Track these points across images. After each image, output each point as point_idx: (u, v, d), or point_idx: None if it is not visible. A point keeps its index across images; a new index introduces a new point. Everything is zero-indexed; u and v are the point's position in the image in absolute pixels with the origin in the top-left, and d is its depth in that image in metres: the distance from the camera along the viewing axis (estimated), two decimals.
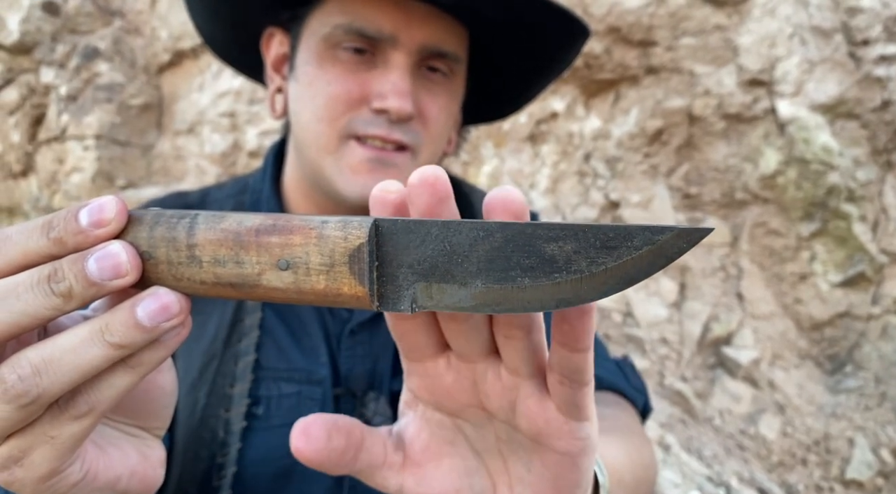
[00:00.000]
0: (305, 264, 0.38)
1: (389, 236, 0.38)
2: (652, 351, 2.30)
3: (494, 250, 0.36)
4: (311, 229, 0.38)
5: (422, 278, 0.37)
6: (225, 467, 0.77)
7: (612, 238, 0.35)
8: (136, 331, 0.38)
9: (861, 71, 2.26)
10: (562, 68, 0.93)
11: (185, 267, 0.40)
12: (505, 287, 0.36)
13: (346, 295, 0.37)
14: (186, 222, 0.40)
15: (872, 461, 2.07)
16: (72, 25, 3.00)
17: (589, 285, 0.35)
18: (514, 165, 2.68)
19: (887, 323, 2.28)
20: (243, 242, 0.39)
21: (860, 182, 2.29)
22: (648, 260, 0.34)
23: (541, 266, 0.36)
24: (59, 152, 2.96)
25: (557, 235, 0.35)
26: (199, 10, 0.91)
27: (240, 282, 0.39)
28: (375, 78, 0.77)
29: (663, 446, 1.96)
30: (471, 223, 0.36)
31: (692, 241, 0.34)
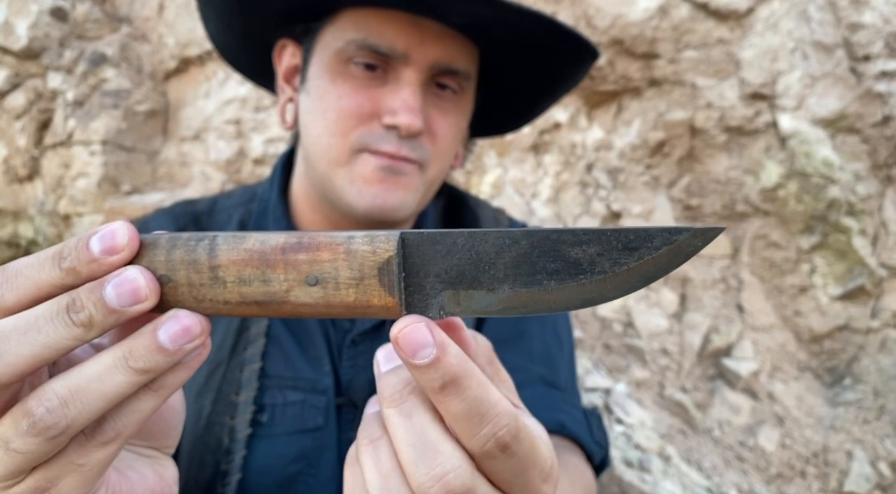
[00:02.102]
0: (335, 279, 0.38)
1: (416, 248, 0.39)
2: (652, 362, 2.31)
3: (520, 256, 0.38)
4: (338, 245, 0.39)
5: (449, 286, 0.38)
6: (229, 474, 0.77)
7: (632, 240, 0.37)
8: (160, 355, 0.38)
9: (862, 86, 2.28)
10: (569, 87, 0.94)
11: (208, 288, 0.40)
12: (532, 290, 0.38)
13: (376, 306, 0.38)
14: (206, 244, 0.40)
15: (871, 474, 2.08)
16: (79, 31, 3.02)
17: (612, 284, 0.37)
18: (516, 175, 2.69)
19: (886, 336, 2.29)
20: (269, 261, 0.39)
21: (860, 196, 2.30)
22: (667, 258, 0.37)
23: (566, 269, 0.37)
24: (65, 157, 2.97)
25: (581, 239, 0.37)
26: (213, 21, 0.92)
27: (267, 300, 0.39)
28: (386, 94, 0.78)
29: (663, 457, 1.97)
30: (496, 232, 0.38)
31: (707, 240, 0.37)
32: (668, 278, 2.47)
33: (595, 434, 0.84)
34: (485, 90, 0.92)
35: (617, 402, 2.09)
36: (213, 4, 0.87)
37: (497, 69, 0.89)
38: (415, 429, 0.37)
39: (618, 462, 1.87)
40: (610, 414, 2.03)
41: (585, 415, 0.85)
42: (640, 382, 2.25)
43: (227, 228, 0.91)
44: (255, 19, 0.87)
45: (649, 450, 1.95)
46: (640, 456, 1.91)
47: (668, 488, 1.84)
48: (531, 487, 0.40)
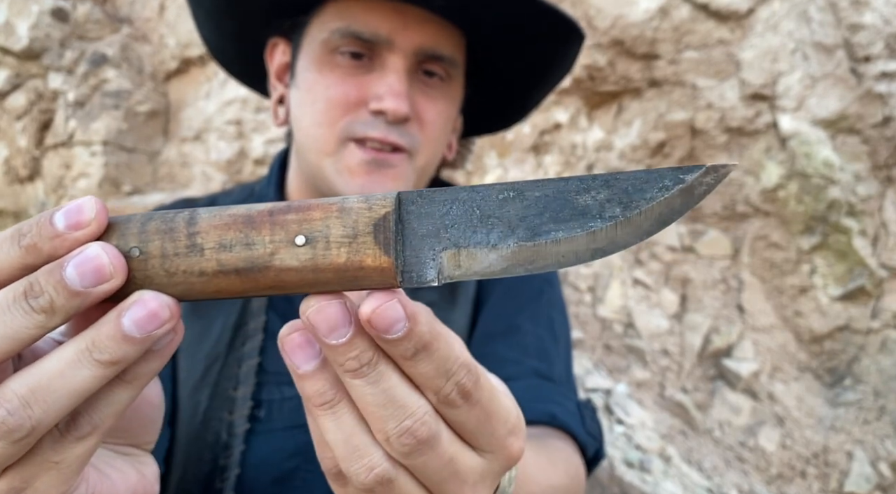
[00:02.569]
0: (325, 237, 0.36)
1: (414, 206, 0.37)
2: (653, 363, 2.31)
3: (525, 208, 0.36)
4: (331, 204, 0.37)
5: (449, 246, 0.36)
6: (228, 469, 0.78)
7: (643, 182, 0.35)
8: (127, 344, 0.35)
9: (862, 87, 2.28)
10: (559, 74, 0.94)
11: (183, 257, 0.36)
12: (538, 243, 0.35)
13: (369, 267, 0.35)
14: (186, 214, 0.38)
15: (871, 474, 2.08)
16: (80, 32, 3.02)
17: (624, 230, 0.35)
18: (517, 175, 2.70)
19: (886, 337, 2.29)
20: (255, 222, 0.36)
21: (861, 197, 2.30)
22: (680, 199, 0.35)
23: (575, 217, 0.35)
24: (65, 157, 2.98)
25: (589, 185, 0.35)
26: (205, 23, 0.93)
27: (247, 267, 0.36)
28: (373, 81, 0.79)
29: (664, 457, 1.97)
30: (500, 185, 0.36)
31: (719, 177, 0.35)
32: (668, 278, 2.47)
33: (588, 425, 0.83)
34: (477, 81, 0.92)
35: (617, 403, 2.09)
36: (202, 5, 0.88)
37: (486, 59, 0.89)
38: (383, 393, 0.36)
39: (618, 462, 1.87)
40: (610, 415, 2.03)
41: (579, 407, 0.85)
42: (640, 383, 2.25)
43: None
44: (245, 18, 0.88)
45: (650, 451, 1.95)
46: (641, 457, 1.91)
47: (669, 488, 1.85)
48: (497, 438, 0.40)
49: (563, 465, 0.71)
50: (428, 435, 0.37)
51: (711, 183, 0.35)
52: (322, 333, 0.35)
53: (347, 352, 0.35)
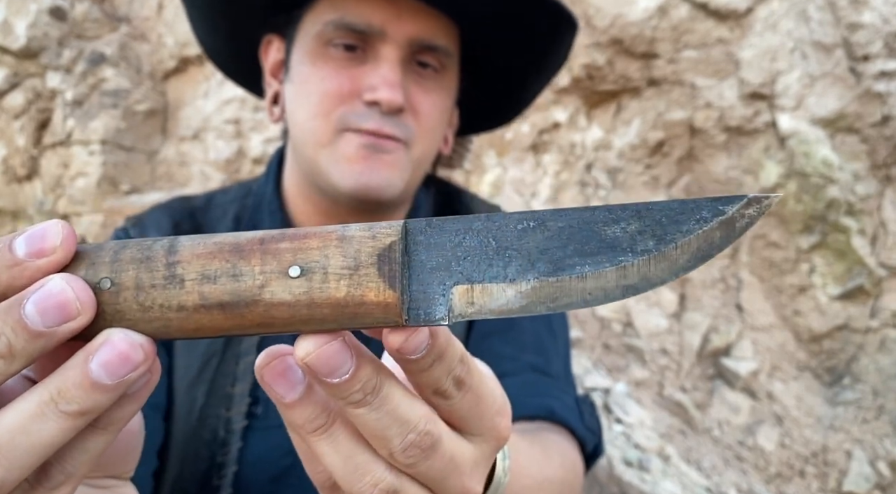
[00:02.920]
0: (323, 269, 0.32)
1: (422, 235, 0.33)
2: (652, 362, 2.31)
3: (547, 240, 0.32)
4: (329, 232, 0.33)
5: (461, 280, 0.32)
6: (226, 466, 0.77)
7: (678, 212, 0.32)
8: (97, 393, 0.31)
9: (861, 86, 2.28)
10: (554, 66, 0.94)
11: (160, 290, 0.32)
12: (562, 278, 0.32)
13: (371, 303, 0.32)
14: (166, 242, 0.34)
15: (870, 473, 2.08)
16: (78, 31, 3.02)
17: (658, 266, 0.32)
18: (516, 174, 2.69)
19: (885, 336, 2.29)
20: (243, 251, 0.33)
21: (859, 196, 2.30)
22: (720, 232, 0.32)
23: (603, 250, 0.32)
24: (64, 157, 2.97)
25: (619, 216, 0.32)
26: (200, 23, 0.93)
27: (233, 301, 0.32)
28: (366, 72, 0.79)
29: (663, 457, 1.97)
30: (520, 214, 0.33)
31: (762, 209, 0.32)
32: None
33: (586, 419, 0.82)
34: (471, 74, 0.92)
35: (616, 402, 2.09)
36: (195, 4, 0.88)
37: (480, 50, 0.89)
38: (387, 415, 0.35)
39: (617, 461, 1.87)
40: (609, 414, 2.03)
41: (577, 402, 0.84)
42: (639, 382, 2.25)
43: (222, 223, 0.91)
44: (238, 15, 0.88)
45: (649, 450, 1.95)
46: (640, 456, 1.91)
47: (668, 487, 1.84)
48: (486, 420, 0.39)
49: (559, 458, 0.71)
50: (432, 443, 0.36)
51: (753, 215, 0.32)
52: (323, 375, 0.33)
53: (351, 387, 0.34)
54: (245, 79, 1.01)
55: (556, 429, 0.78)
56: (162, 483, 0.79)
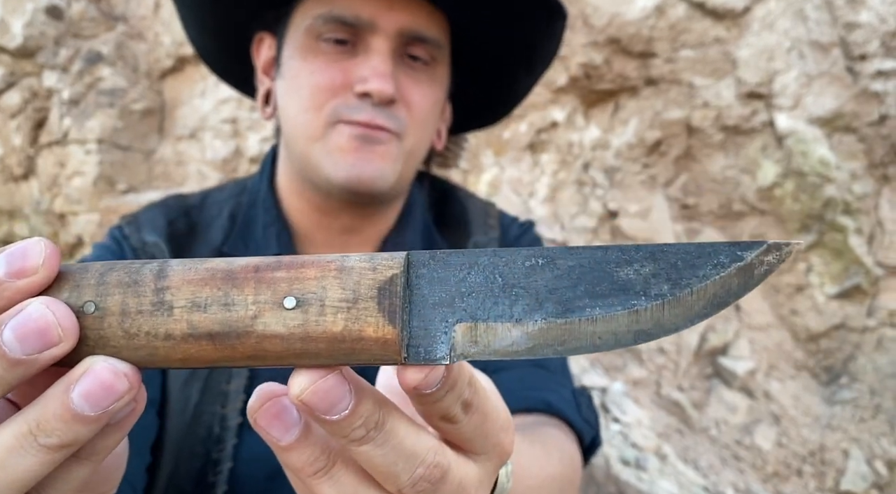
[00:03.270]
0: (320, 301, 0.31)
1: (425, 269, 0.32)
2: (649, 361, 2.31)
3: (556, 278, 0.31)
4: (328, 262, 0.32)
5: (465, 317, 0.31)
6: (221, 463, 0.77)
7: (695, 257, 0.31)
8: (78, 425, 0.29)
9: (858, 85, 2.28)
10: (545, 58, 0.94)
11: (147, 317, 0.31)
12: (571, 321, 0.30)
13: (370, 338, 0.30)
14: (155, 265, 0.32)
15: (867, 472, 2.08)
16: (75, 30, 3.01)
17: (672, 312, 0.30)
18: (513, 174, 2.69)
19: (882, 335, 2.30)
20: (237, 279, 0.31)
21: (857, 195, 2.30)
22: (737, 279, 0.30)
23: (615, 293, 0.30)
24: (60, 156, 2.96)
25: (632, 257, 0.31)
26: (192, 23, 0.93)
27: (224, 331, 0.31)
28: (357, 64, 0.79)
29: (660, 456, 1.97)
30: (527, 250, 0.32)
31: (783, 256, 0.31)
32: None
33: (584, 412, 0.82)
34: (463, 68, 0.92)
35: (614, 401, 2.09)
36: (186, 3, 0.88)
37: (470, 42, 0.89)
38: (393, 450, 0.33)
39: (614, 460, 1.87)
40: (607, 413, 2.03)
41: (574, 395, 0.84)
42: (636, 381, 2.25)
43: (217, 221, 0.91)
44: (229, 13, 0.88)
45: (646, 449, 1.95)
46: (637, 455, 1.91)
47: (665, 487, 1.84)
48: (491, 438, 0.38)
49: (558, 454, 0.71)
50: (441, 474, 0.34)
51: (773, 262, 0.31)
52: (322, 412, 0.31)
53: (352, 423, 0.32)
54: (237, 79, 1.01)
55: (553, 422, 0.78)
56: (156, 478, 0.79)
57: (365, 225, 0.89)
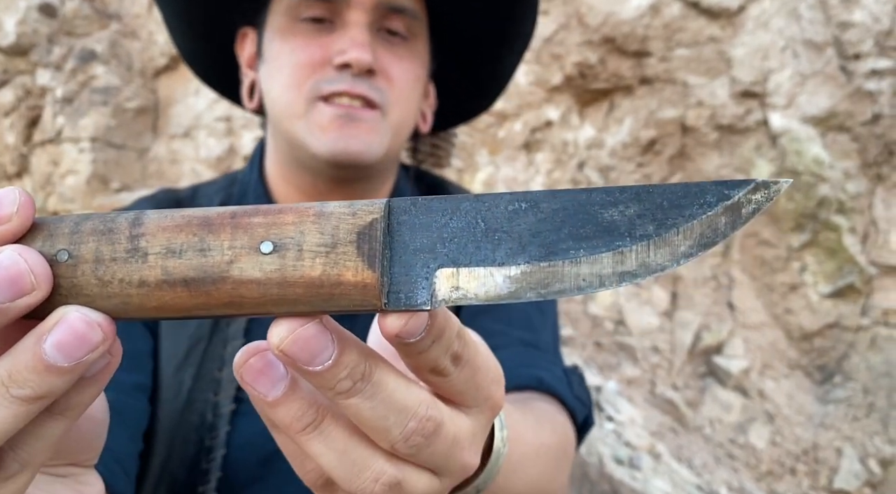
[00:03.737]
0: (298, 245, 0.30)
1: (406, 215, 0.32)
2: (643, 360, 2.31)
3: (540, 222, 0.31)
4: (307, 208, 0.31)
5: (447, 263, 0.31)
6: (214, 450, 0.77)
7: (681, 196, 0.30)
8: (51, 376, 0.29)
9: (852, 84, 2.29)
10: (523, 33, 0.94)
11: (121, 264, 0.30)
12: (554, 263, 0.30)
13: (349, 283, 0.30)
14: (131, 214, 0.32)
15: (860, 471, 2.08)
16: (68, 28, 3.00)
17: (657, 252, 0.30)
18: (508, 173, 2.69)
19: (876, 334, 2.30)
20: (213, 225, 0.31)
21: (850, 194, 2.31)
22: (724, 217, 0.30)
23: (599, 234, 0.30)
24: (53, 154, 2.95)
25: (617, 199, 0.30)
26: (176, 25, 0.94)
27: (198, 277, 0.30)
28: (335, 39, 0.80)
29: (654, 454, 1.97)
30: (510, 194, 0.31)
31: (770, 195, 0.30)
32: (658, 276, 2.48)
33: (575, 390, 0.82)
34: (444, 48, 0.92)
35: (608, 400, 2.09)
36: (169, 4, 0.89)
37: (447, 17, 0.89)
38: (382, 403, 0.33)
39: (608, 459, 1.86)
40: (601, 412, 2.03)
41: (566, 373, 0.84)
42: (631, 380, 2.25)
43: None
44: (209, 7, 0.88)
45: (640, 448, 1.95)
46: (631, 454, 1.91)
47: (659, 485, 1.84)
48: (482, 390, 0.37)
49: (550, 425, 0.71)
50: (434, 427, 0.34)
51: (761, 200, 0.30)
52: (303, 362, 0.30)
53: (337, 374, 0.31)
54: (225, 85, 1.02)
55: (545, 399, 0.78)
56: (149, 465, 0.79)
57: None
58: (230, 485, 0.77)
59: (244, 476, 0.78)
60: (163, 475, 0.79)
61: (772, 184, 0.30)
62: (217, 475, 0.77)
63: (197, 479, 0.77)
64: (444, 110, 1.00)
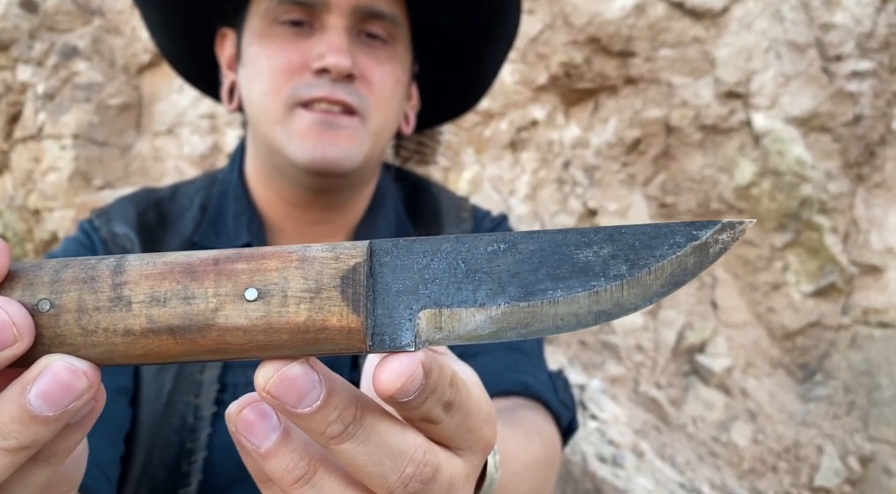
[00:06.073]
0: (282, 291, 0.30)
1: (388, 257, 0.32)
2: (627, 358, 2.32)
3: (518, 263, 0.31)
4: (290, 253, 0.31)
5: (429, 304, 0.31)
6: (195, 452, 0.77)
7: (652, 237, 0.31)
8: (36, 426, 0.28)
9: (834, 85, 2.31)
10: (506, 34, 0.93)
11: (105, 313, 0.30)
12: (533, 304, 0.31)
13: (334, 328, 0.30)
14: (112, 260, 0.32)
15: (840, 468, 2.10)
16: (50, 23, 2.97)
17: (630, 291, 0.31)
18: (494, 172, 2.69)
19: (856, 333, 2.32)
20: (196, 272, 0.31)
21: (832, 194, 2.33)
22: (693, 257, 0.31)
23: (575, 275, 0.31)
24: (35, 151, 2.92)
25: (591, 239, 0.31)
26: (156, 26, 0.93)
27: (183, 325, 0.30)
28: (313, 44, 0.79)
29: (637, 452, 1.97)
30: (489, 235, 0.32)
31: (736, 234, 0.32)
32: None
33: (560, 394, 0.82)
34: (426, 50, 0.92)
35: (591, 398, 2.10)
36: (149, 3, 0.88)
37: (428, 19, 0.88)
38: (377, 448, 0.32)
39: (591, 457, 1.87)
40: (584, 410, 2.03)
41: (551, 378, 0.84)
42: (614, 378, 2.25)
43: (188, 212, 0.90)
44: (187, 9, 0.88)
45: (623, 446, 1.96)
46: (614, 452, 1.92)
47: (642, 483, 1.85)
48: (474, 432, 0.37)
49: (538, 437, 0.71)
50: (432, 473, 0.33)
51: (727, 240, 0.31)
52: (291, 403, 0.30)
53: (326, 416, 0.31)
54: (207, 84, 1.01)
55: (531, 405, 0.78)
56: (130, 468, 0.78)
57: (335, 215, 0.89)
58: (211, 488, 0.77)
59: (225, 478, 0.78)
60: (143, 477, 0.78)
61: (737, 224, 0.32)
62: (198, 477, 0.76)
63: (178, 481, 0.77)
64: (429, 109, 0.99)
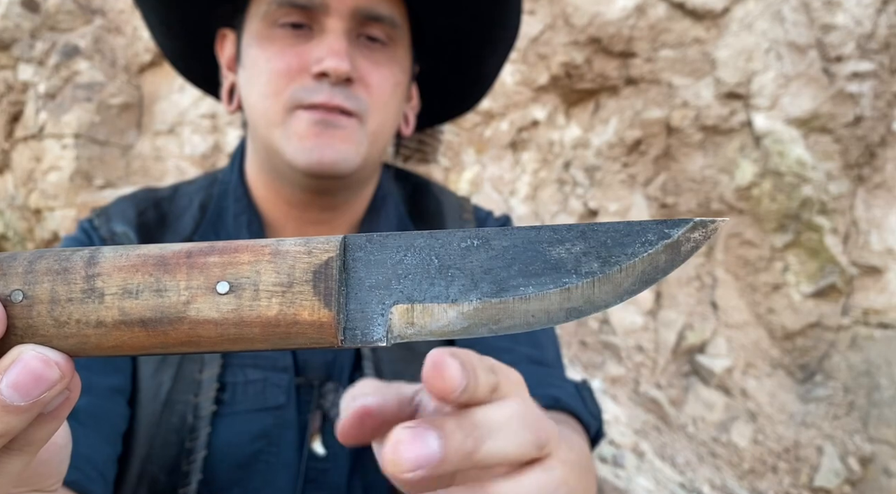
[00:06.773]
0: (254, 285, 0.30)
1: (361, 252, 0.32)
2: (628, 359, 2.32)
3: (491, 259, 0.32)
4: (263, 246, 0.32)
5: (402, 299, 0.31)
6: (195, 452, 0.77)
7: (624, 234, 0.31)
8: (8, 415, 0.28)
9: (834, 86, 2.31)
10: (506, 36, 0.93)
11: (78, 304, 0.31)
12: (505, 300, 0.31)
13: (305, 322, 0.30)
14: (86, 253, 0.32)
15: (840, 469, 2.10)
16: (51, 23, 2.97)
17: (602, 288, 0.31)
18: (494, 172, 2.70)
19: (856, 333, 2.33)
20: (168, 265, 0.31)
21: (832, 195, 2.33)
22: (665, 255, 0.32)
23: (547, 272, 0.31)
24: (36, 150, 2.92)
25: (564, 237, 0.32)
26: (156, 26, 0.93)
27: (156, 317, 0.30)
28: (313, 47, 0.79)
29: (637, 453, 1.98)
30: (462, 232, 0.32)
31: (708, 233, 0.32)
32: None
33: (588, 405, 0.83)
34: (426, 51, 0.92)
35: None
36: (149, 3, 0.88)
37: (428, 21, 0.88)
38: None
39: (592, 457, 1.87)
40: None
41: (577, 389, 0.85)
42: (615, 379, 2.26)
43: (188, 212, 0.90)
44: (186, 9, 0.88)
45: (623, 446, 1.96)
46: (615, 452, 1.92)
47: (642, 483, 1.85)
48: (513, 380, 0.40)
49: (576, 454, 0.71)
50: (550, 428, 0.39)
51: (699, 239, 0.32)
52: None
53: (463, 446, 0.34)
54: (207, 83, 1.01)
55: (562, 418, 0.78)
56: (128, 467, 0.78)
57: (335, 215, 0.89)
58: (210, 487, 0.77)
59: (225, 477, 0.77)
60: (143, 476, 0.78)
61: (709, 222, 0.32)
62: (198, 476, 0.76)
63: (177, 481, 0.77)
64: (429, 109, 0.99)
